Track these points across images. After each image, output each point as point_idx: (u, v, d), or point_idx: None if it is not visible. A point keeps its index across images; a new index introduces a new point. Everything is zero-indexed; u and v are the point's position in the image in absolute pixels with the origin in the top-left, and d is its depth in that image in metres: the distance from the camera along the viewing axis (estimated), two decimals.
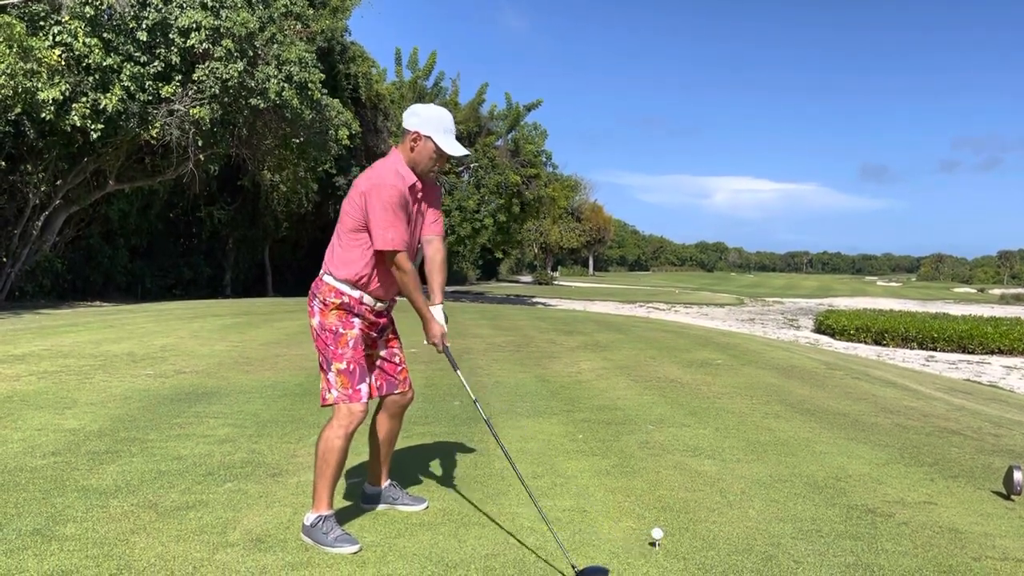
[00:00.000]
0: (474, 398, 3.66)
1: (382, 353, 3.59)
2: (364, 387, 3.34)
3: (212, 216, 26.97)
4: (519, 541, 3.34)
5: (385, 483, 3.73)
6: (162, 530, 3.32)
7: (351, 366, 3.33)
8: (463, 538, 3.35)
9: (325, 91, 20.76)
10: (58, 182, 18.46)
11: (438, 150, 3.37)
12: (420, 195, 3.45)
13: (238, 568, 2.98)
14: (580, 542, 3.33)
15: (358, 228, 3.32)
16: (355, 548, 3.18)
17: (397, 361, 3.62)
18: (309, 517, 3.27)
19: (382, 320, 3.53)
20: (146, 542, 3.19)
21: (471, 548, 3.24)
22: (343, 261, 3.38)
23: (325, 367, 3.37)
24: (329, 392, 3.34)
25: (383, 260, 3.34)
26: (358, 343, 3.36)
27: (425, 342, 3.49)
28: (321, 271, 3.48)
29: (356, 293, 3.38)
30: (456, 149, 3.40)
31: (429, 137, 3.36)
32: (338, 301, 3.37)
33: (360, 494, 3.78)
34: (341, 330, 3.35)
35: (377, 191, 3.25)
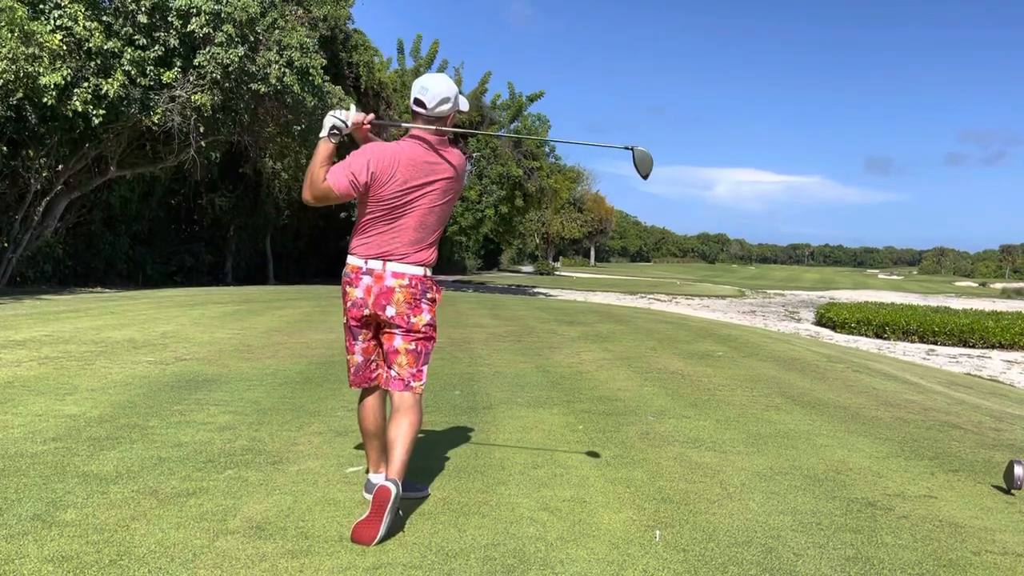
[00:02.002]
0: None
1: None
2: None
3: (213, 203, 26.96)
4: (519, 531, 3.34)
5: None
6: (162, 517, 3.32)
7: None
8: (463, 527, 3.35)
9: (327, 78, 20.70)
10: (59, 168, 18.44)
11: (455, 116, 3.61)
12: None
13: (238, 555, 2.98)
14: (580, 532, 3.33)
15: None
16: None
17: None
18: (399, 485, 3.22)
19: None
20: (146, 528, 3.19)
21: (471, 538, 3.24)
22: (434, 253, 3.51)
23: (423, 358, 3.51)
24: (419, 381, 3.49)
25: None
26: None
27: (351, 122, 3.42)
28: (419, 268, 3.41)
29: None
30: (465, 104, 3.61)
31: (458, 110, 3.60)
32: (440, 295, 3.54)
33: (365, 483, 3.77)
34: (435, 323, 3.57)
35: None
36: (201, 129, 18.19)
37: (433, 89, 3.41)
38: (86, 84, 15.92)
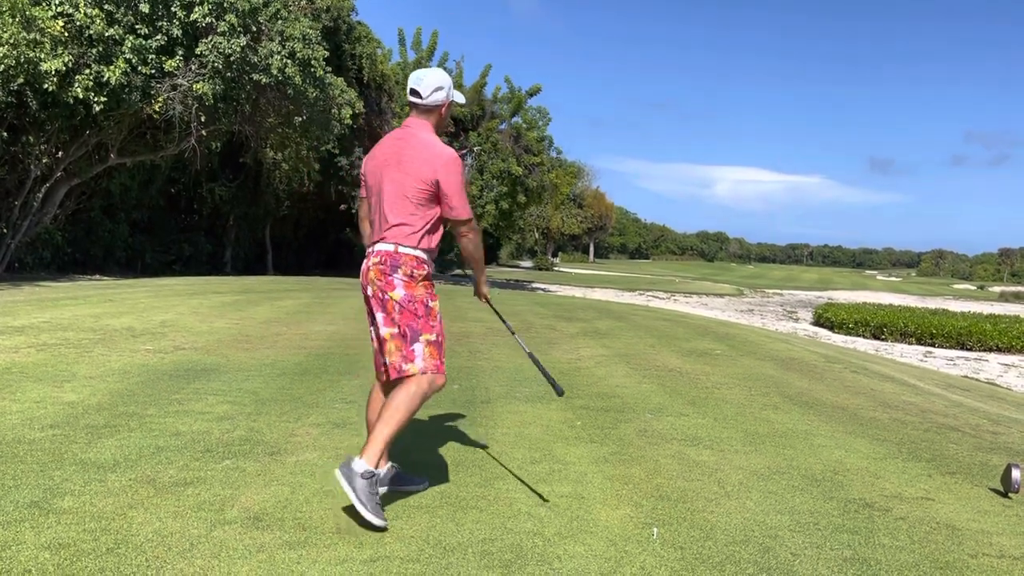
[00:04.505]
0: (513, 331, 3.95)
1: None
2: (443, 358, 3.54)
3: (213, 193, 26.89)
4: (517, 526, 3.34)
5: (387, 464, 3.67)
6: (160, 506, 3.32)
7: (440, 338, 3.48)
8: (461, 521, 3.35)
9: (329, 69, 20.63)
10: (60, 154, 18.38)
11: (450, 107, 3.65)
12: None
13: (235, 545, 2.98)
14: (577, 528, 3.33)
15: (431, 199, 3.43)
16: (384, 523, 3.19)
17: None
18: (359, 464, 3.19)
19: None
20: (144, 517, 3.19)
21: (468, 532, 3.24)
22: (422, 231, 3.45)
23: (409, 338, 3.41)
24: (412, 363, 3.40)
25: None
26: (441, 316, 3.53)
27: (476, 295, 3.86)
28: (390, 244, 3.43)
29: (431, 262, 3.53)
30: (461, 97, 3.68)
31: (453, 101, 3.61)
32: (424, 272, 3.47)
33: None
34: (430, 303, 3.47)
35: (457, 164, 3.44)
36: (202, 118, 18.14)
37: (427, 79, 3.53)
38: (87, 71, 15.86)
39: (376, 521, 3.16)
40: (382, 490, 3.60)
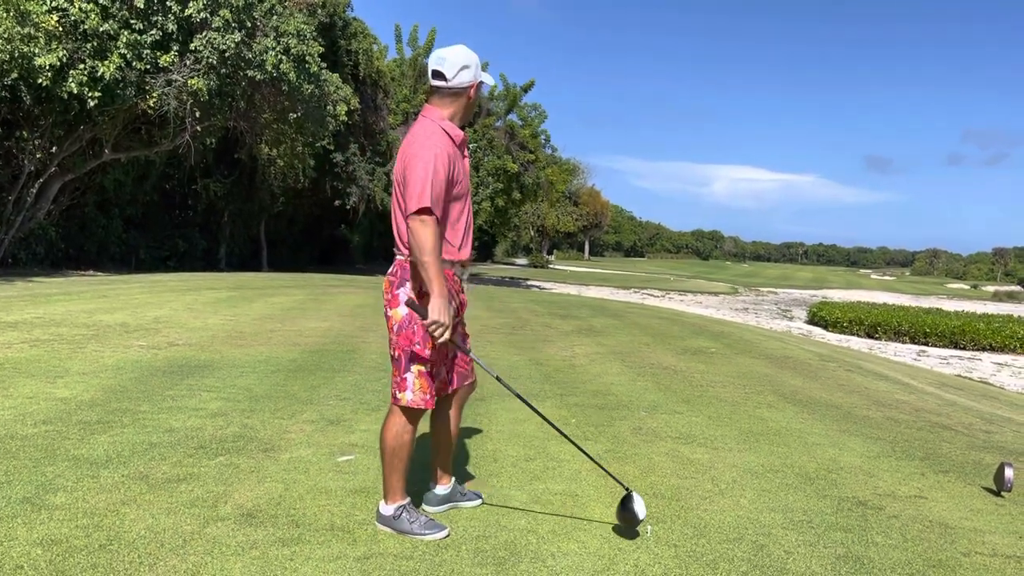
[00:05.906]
0: (495, 375, 3.31)
1: (456, 340, 3.27)
2: (435, 390, 3.18)
3: (208, 189, 26.81)
4: (510, 523, 3.34)
5: (451, 481, 3.53)
6: (153, 502, 3.31)
7: (433, 369, 3.13)
8: (454, 519, 3.35)
9: (324, 65, 20.57)
10: (54, 149, 18.31)
11: (479, 89, 3.17)
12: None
13: (228, 542, 2.97)
14: (571, 526, 3.33)
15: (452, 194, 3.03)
16: (445, 532, 3.15)
17: (468, 349, 3.38)
18: (387, 508, 3.16)
19: (463, 297, 3.30)
20: (136, 513, 3.18)
21: (462, 529, 3.24)
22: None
23: (403, 364, 3.08)
24: (403, 392, 3.09)
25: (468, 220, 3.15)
26: (444, 342, 3.08)
27: (428, 321, 2.94)
28: (401, 255, 3.08)
29: (457, 272, 3.18)
30: (490, 78, 3.24)
31: (481, 82, 3.14)
32: None
33: (428, 498, 3.46)
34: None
35: (423, 152, 2.93)
36: (197, 114, 18.08)
37: (451, 58, 3.03)
38: (82, 66, 15.80)
39: (434, 536, 3.12)
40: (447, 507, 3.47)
